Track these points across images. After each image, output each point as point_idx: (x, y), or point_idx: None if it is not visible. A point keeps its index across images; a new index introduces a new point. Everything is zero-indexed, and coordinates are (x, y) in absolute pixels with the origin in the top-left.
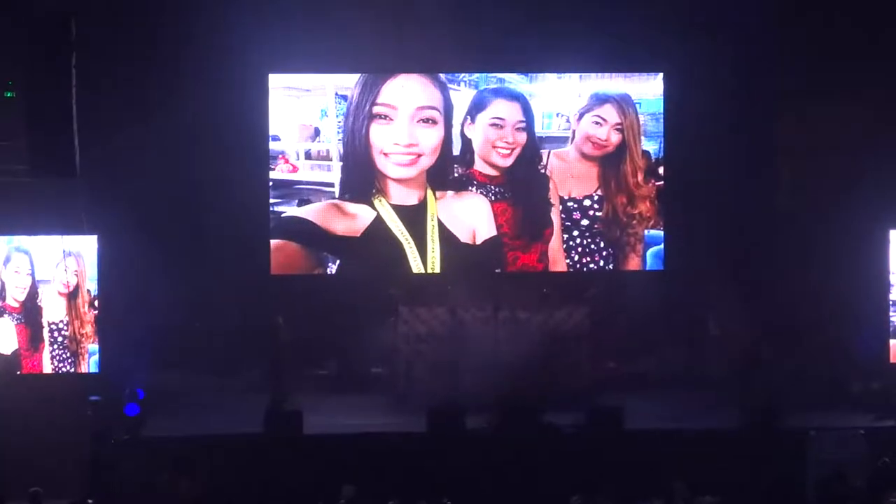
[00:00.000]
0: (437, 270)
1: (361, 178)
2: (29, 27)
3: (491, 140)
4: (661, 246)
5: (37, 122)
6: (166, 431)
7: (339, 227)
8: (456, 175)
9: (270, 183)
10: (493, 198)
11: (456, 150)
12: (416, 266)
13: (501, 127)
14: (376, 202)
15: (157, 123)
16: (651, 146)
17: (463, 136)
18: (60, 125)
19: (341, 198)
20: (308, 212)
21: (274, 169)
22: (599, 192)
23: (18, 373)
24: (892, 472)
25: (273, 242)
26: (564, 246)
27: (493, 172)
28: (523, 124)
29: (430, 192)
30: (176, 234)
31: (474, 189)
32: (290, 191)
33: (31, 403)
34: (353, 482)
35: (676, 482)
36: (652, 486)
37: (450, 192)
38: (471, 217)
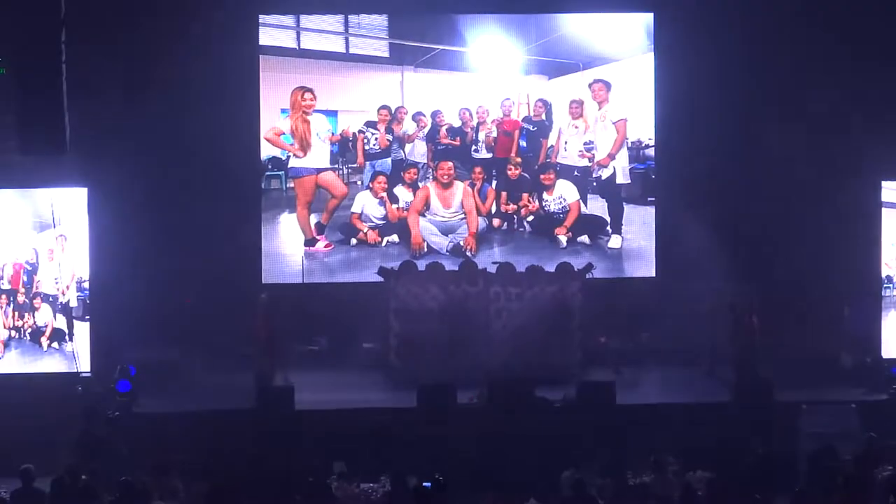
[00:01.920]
0: None
1: None
2: (19, 4)
3: None
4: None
5: (27, 98)
6: (157, 408)
7: None
8: None
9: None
10: None
11: None
12: None
13: None
14: None
15: (148, 98)
16: None
17: None
18: (51, 102)
19: None
20: None
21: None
22: None
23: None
24: (878, 446)
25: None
26: None
27: None
28: None
29: None
30: (167, 209)
31: None
32: None
33: (21, 380)
34: (344, 458)
35: (668, 456)
36: (644, 461)
37: None
38: None
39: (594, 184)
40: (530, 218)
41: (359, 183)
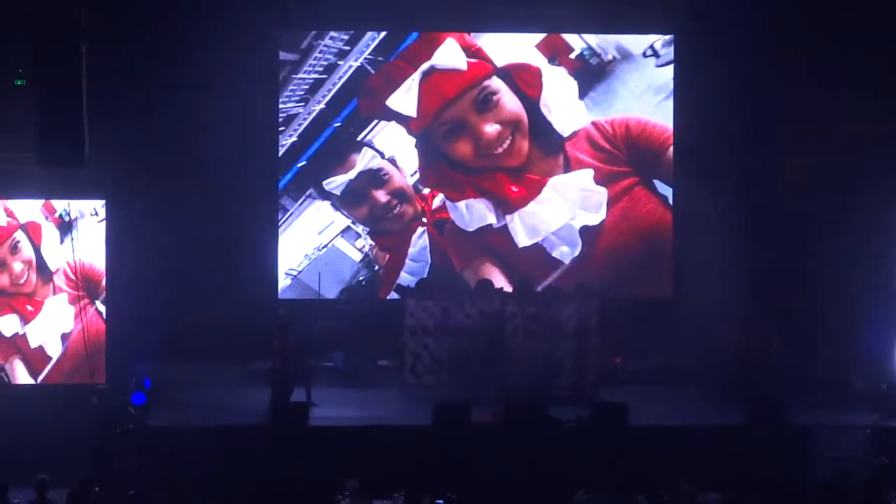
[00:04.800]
0: None
1: None
2: (39, 16)
3: None
4: None
5: (46, 111)
6: (172, 421)
7: None
8: None
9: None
10: None
11: None
12: None
13: None
14: None
15: (166, 111)
16: None
17: None
18: (69, 114)
19: None
20: None
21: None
22: None
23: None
24: (891, 471)
25: None
26: None
27: None
28: None
29: None
30: (184, 222)
31: None
32: None
33: (37, 391)
34: (357, 475)
35: (681, 478)
36: (656, 482)
37: None
38: None
39: None
40: None
41: None
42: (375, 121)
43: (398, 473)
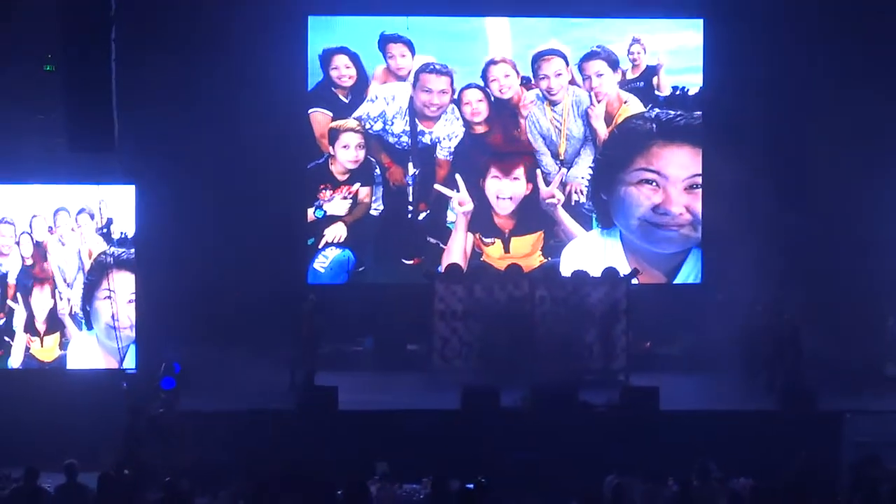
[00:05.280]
0: None
1: None
2: (68, 2)
3: None
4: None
5: (75, 96)
6: (201, 406)
7: None
8: None
9: None
10: None
11: None
12: None
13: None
14: None
15: (197, 95)
16: None
17: None
18: (99, 99)
19: None
20: None
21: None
22: None
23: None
24: None
25: None
26: None
27: None
28: None
29: None
30: (215, 206)
31: None
32: None
33: (67, 376)
34: (386, 459)
35: (711, 463)
36: (686, 467)
37: None
38: None
39: None
40: None
41: None
42: None
43: (427, 458)
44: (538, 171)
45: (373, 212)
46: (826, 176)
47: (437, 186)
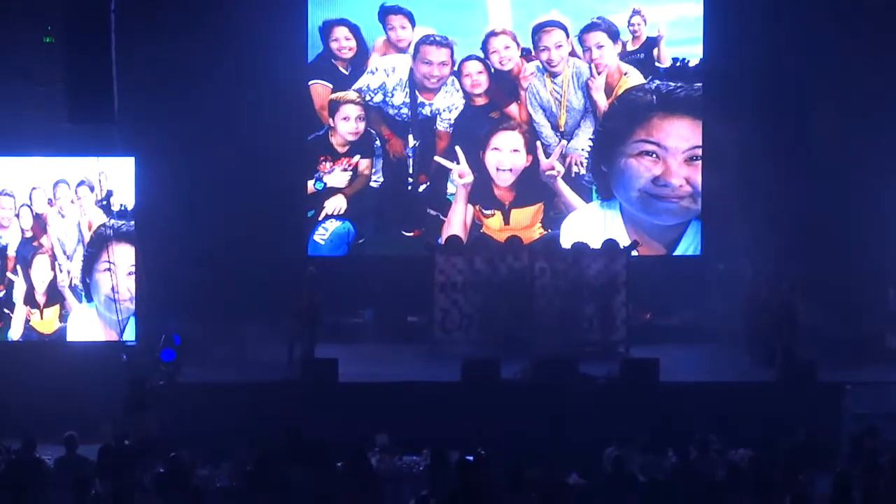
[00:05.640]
0: None
1: None
2: None
3: None
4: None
5: (75, 67)
6: (201, 377)
7: None
8: None
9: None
10: None
11: None
12: None
13: None
14: None
15: (196, 66)
16: None
17: None
18: (99, 71)
19: None
20: None
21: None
22: None
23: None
24: None
25: None
26: None
27: None
28: None
29: None
30: (214, 178)
31: None
32: None
33: (67, 347)
34: (386, 431)
35: (710, 434)
36: (686, 438)
37: None
38: None
39: None
40: None
41: None
42: None
43: (427, 429)
44: (538, 142)
45: (373, 184)
46: (827, 148)
47: (437, 158)
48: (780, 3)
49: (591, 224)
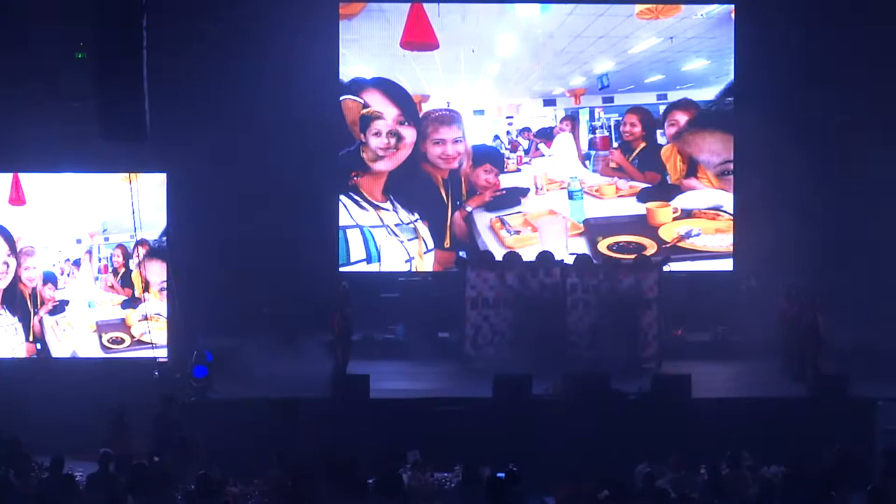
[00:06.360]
0: None
1: None
2: None
3: None
4: None
5: (107, 83)
6: (233, 394)
7: None
8: None
9: None
10: None
11: None
12: None
13: None
14: None
15: (228, 84)
16: None
17: None
18: (131, 87)
19: None
20: None
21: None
22: None
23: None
24: None
25: None
26: None
27: None
28: None
29: None
30: (246, 194)
31: None
32: None
33: (99, 365)
34: (418, 447)
35: (742, 451)
36: (718, 455)
37: None
38: None
39: None
40: None
41: None
42: None
43: (459, 446)
44: None
45: None
46: (859, 161)
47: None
48: (812, 16)
49: None
